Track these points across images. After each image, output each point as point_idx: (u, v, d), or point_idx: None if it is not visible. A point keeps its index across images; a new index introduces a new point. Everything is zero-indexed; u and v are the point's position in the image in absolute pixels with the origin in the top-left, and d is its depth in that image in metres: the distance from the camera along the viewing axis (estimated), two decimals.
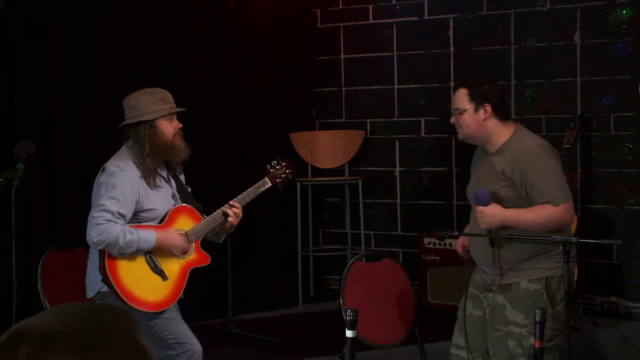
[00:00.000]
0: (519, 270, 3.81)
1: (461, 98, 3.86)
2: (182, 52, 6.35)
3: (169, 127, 4.08)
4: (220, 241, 4.43)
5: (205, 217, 4.21)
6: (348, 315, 2.86)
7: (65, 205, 5.40)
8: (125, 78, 5.60)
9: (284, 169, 4.49)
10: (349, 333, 2.87)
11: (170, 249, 4.05)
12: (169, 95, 4.12)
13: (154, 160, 4.04)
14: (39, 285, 4.42)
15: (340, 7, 7.24)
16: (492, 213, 3.75)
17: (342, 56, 7.27)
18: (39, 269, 4.46)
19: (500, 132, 3.85)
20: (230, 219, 4.20)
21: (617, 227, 6.30)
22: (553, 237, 3.60)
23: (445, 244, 6.43)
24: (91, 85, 5.63)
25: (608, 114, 6.29)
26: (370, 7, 7.08)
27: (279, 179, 4.45)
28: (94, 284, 4.01)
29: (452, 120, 3.91)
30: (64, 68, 5.52)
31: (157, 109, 4.03)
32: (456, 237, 6.27)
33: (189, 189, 4.33)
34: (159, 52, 6.15)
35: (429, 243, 6.56)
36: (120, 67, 5.73)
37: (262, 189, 4.38)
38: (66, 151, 5.53)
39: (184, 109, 4.19)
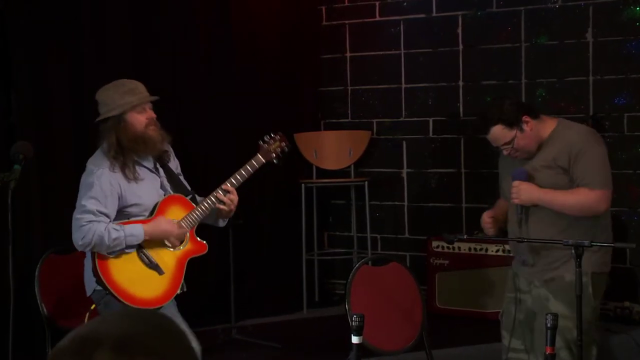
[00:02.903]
0: (561, 263, 3.89)
1: (502, 134, 3.91)
2: (184, 51, 6.31)
3: (140, 118, 3.98)
4: (223, 225, 4.32)
5: (197, 205, 4.10)
6: (354, 321, 2.82)
7: (64, 207, 5.30)
8: (125, 77, 5.50)
9: (278, 142, 4.35)
10: (355, 339, 2.83)
11: (163, 239, 3.97)
12: (140, 86, 4.02)
13: (126, 154, 3.94)
14: (36, 289, 4.37)
15: (346, 4, 7.22)
16: (527, 188, 3.87)
17: (348, 54, 7.23)
18: (36, 273, 4.40)
19: (543, 129, 3.94)
20: (224, 207, 4.08)
21: (630, 229, 6.26)
22: (565, 240, 3.59)
23: (454, 248, 6.43)
24: (90, 85, 5.52)
25: (621, 114, 6.25)
26: (377, 4, 7.05)
27: (273, 153, 4.32)
28: (90, 282, 3.95)
29: (506, 153, 3.97)
30: (63, 67, 5.49)
31: (123, 102, 3.95)
32: (465, 241, 6.34)
33: (181, 177, 4.21)
34: (160, 51, 6.11)
35: (437, 246, 6.52)
36: (120, 67, 5.65)
37: (256, 167, 4.23)
38: (64, 152, 5.49)
39: (156, 98, 4.07)
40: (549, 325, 3.05)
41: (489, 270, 6.29)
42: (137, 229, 3.88)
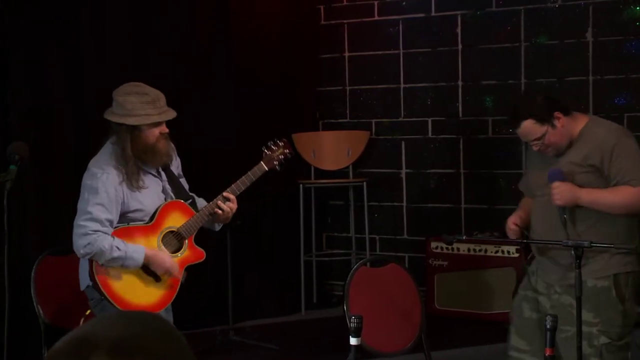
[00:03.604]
0: (584, 265, 3.70)
1: (533, 129, 3.80)
2: (183, 51, 6.27)
3: (155, 132, 3.92)
4: (218, 229, 4.30)
5: (197, 210, 4.08)
6: (352, 322, 2.77)
7: (60, 208, 5.30)
8: (125, 77, 5.45)
9: (281, 149, 4.33)
10: (353, 341, 2.79)
11: (156, 269, 3.93)
12: (161, 99, 3.93)
13: (135, 164, 3.90)
14: (32, 291, 4.33)
15: (345, 3, 7.18)
16: (568, 188, 3.73)
17: (347, 54, 7.20)
18: (32, 275, 4.37)
19: (574, 126, 3.83)
20: (222, 213, 4.07)
21: None
22: (564, 241, 3.54)
23: (453, 249, 6.38)
24: (89, 85, 5.55)
25: (621, 114, 6.21)
26: (376, 3, 7.02)
27: (276, 161, 4.30)
28: (85, 277, 3.91)
29: (536, 148, 3.85)
30: (61, 67, 5.45)
31: (144, 114, 3.86)
32: (464, 242, 6.30)
33: (182, 179, 4.17)
34: (160, 51, 6.08)
35: (436, 247, 6.48)
36: (119, 66, 5.63)
37: (259, 175, 4.22)
38: (61, 152, 5.46)
39: (173, 116, 3.99)
40: (548, 326, 3.00)
41: (488, 271, 6.26)
42: (138, 254, 3.84)
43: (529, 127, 3.78)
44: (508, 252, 6.19)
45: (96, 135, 5.32)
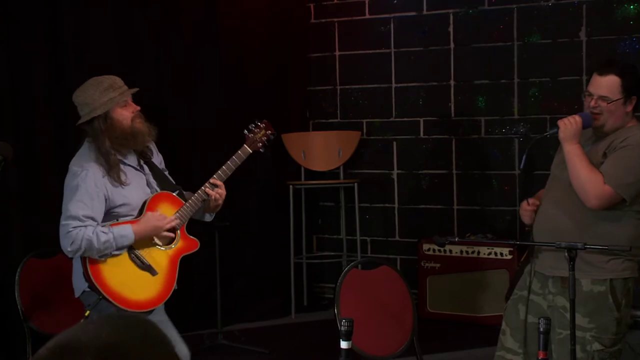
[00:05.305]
0: (581, 267, 3.61)
1: (613, 87, 3.70)
2: (169, 49, 6.21)
3: (126, 113, 3.88)
4: (210, 220, 4.24)
5: (185, 200, 4.03)
6: (343, 326, 2.70)
7: (45, 210, 5.25)
8: (109, 74, 5.40)
9: (264, 130, 4.30)
10: (343, 344, 2.73)
11: (154, 236, 3.87)
12: (118, 81, 3.90)
13: (117, 154, 3.85)
14: (16, 294, 4.26)
15: (335, 1, 7.17)
16: (577, 128, 3.65)
17: (337, 53, 7.17)
18: (16, 277, 4.30)
19: (628, 121, 3.75)
20: (212, 200, 4.02)
21: None
22: (557, 243, 3.45)
23: (445, 251, 6.36)
24: (73, 83, 5.40)
25: None
26: (367, 1, 7.01)
27: (259, 143, 4.27)
28: (79, 283, 3.84)
29: (592, 104, 3.72)
30: (44, 63, 5.36)
31: (106, 99, 3.83)
32: (457, 243, 6.25)
33: (166, 172, 4.11)
34: (146, 48, 6.02)
35: (429, 249, 6.44)
36: (105, 64, 5.53)
37: (244, 158, 4.17)
38: (46, 152, 5.38)
39: (136, 89, 3.96)
40: (542, 329, 2.94)
41: (481, 273, 6.21)
42: (126, 230, 3.78)
43: (611, 82, 3.68)
44: (501, 254, 6.13)
45: (79, 133, 5.27)
